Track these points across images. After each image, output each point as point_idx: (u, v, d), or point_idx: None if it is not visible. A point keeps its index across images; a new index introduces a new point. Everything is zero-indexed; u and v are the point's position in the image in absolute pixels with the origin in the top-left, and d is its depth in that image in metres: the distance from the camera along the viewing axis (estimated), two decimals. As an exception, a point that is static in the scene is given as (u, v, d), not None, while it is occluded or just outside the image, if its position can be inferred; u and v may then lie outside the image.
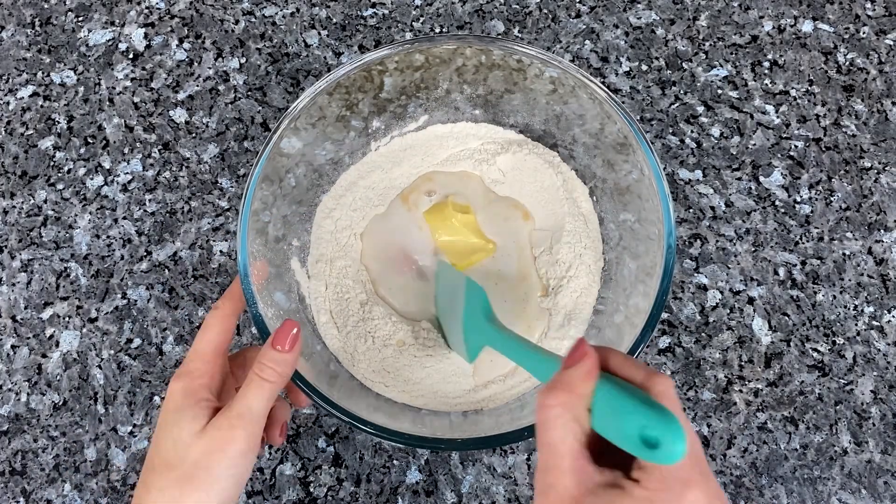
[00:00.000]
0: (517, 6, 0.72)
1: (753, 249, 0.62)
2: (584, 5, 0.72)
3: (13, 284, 0.62)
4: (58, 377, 0.59)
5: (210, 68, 0.70)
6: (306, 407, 0.57)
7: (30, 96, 0.69)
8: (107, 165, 0.66)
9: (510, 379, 0.52)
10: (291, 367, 0.40)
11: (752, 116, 0.67)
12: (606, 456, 0.31)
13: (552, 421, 0.30)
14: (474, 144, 0.59)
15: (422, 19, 0.72)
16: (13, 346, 0.60)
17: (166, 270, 0.62)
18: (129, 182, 0.65)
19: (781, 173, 0.65)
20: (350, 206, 0.58)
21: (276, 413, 0.45)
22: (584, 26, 0.71)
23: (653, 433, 0.28)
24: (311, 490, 0.55)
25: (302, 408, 0.56)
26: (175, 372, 0.41)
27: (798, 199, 0.64)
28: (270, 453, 0.56)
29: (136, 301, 0.61)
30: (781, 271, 0.61)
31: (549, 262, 0.55)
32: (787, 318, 0.60)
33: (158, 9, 0.73)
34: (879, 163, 0.65)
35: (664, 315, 0.60)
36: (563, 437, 0.30)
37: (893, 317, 0.60)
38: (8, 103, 0.69)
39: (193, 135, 0.67)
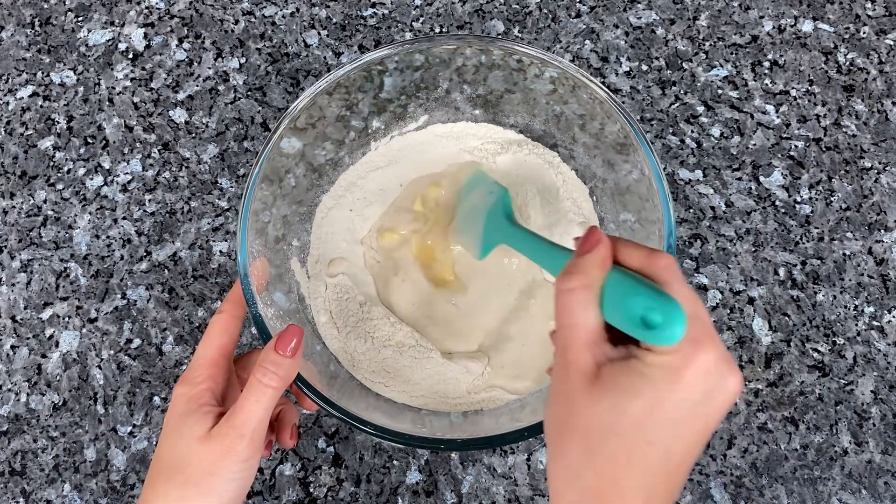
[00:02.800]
0: (517, 6, 0.72)
1: (753, 249, 0.62)
2: (584, 5, 0.72)
3: (13, 284, 0.62)
4: (57, 377, 0.59)
5: (210, 68, 0.70)
6: (314, 410, 0.57)
7: (29, 96, 0.69)
8: (106, 165, 0.66)
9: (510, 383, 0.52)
10: (293, 372, 0.40)
11: (752, 116, 0.67)
12: (618, 345, 0.32)
13: (571, 303, 0.32)
14: (474, 144, 0.59)
15: (422, 19, 0.72)
16: (13, 347, 0.60)
17: (166, 271, 0.62)
18: (129, 182, 0.65)
19: (781, 173, 0.65)
20: (349, 206, 0.58)
21: (285, 416, 0.46)
22: (584, 26, 0.71)
23: (653, 315, 0.29)
24: (311, 490, 0.55)
25: (311, 411, 0.56)
26: (179, 377, 0.41)
27: (798, 199, 0.64)
28: (271, 453, 0.56)
29: (135, 301, 0.61)
30: (782, 271, 0.61)
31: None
32: (787, 318, 0.60)
33: (158, 9, 0.73)
34: (880, 163, 0.65)
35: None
36: (582, 316, 0.32)
37: (894, 317, 0.60)
38: (8, 103, 0.69)
39: (193, 135, 0.67)
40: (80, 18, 0.73)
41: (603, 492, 0.30)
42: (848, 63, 0.69)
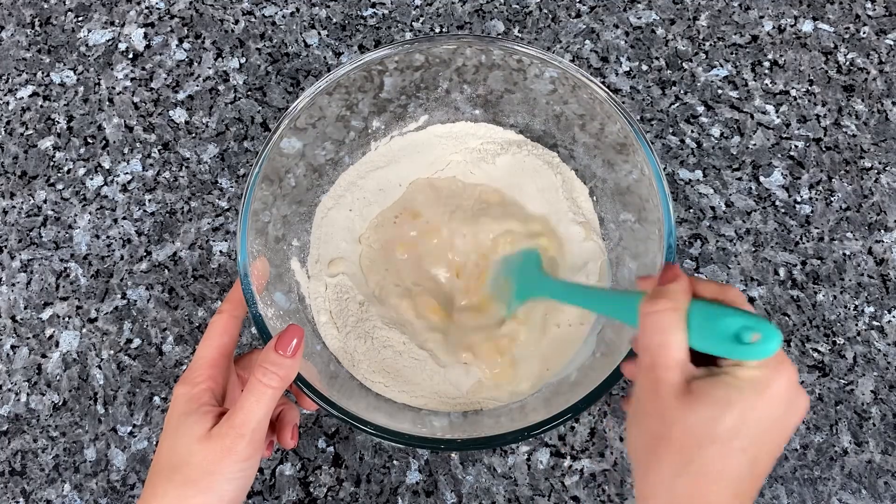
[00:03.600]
0: (517, 6, 0.72)
1: (754, 249, 0.62)
2: (584, 5, 0.72)
3: (13, 284, 0.62)
4: (57, 377, 0.59)
5: (210, 68, 0.70)
6: (314, 410, 0.57)
7: (29, 96, 0.69)
8: (106, 165, 0.66)
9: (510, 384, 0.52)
10: (293, 372, 0.40)
11: (752, 116, 0.67)
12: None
13: (662, 323, 0.34)
14: (474, 144, 0.59)
15: (422, 19, 0.72)
16: (13, 347, 0.60)
17: (166, 270, 0.62)
18: (129, 182, 0.65)
19: (782, 173, 0.65)
20: (349, 206, 0.58)
21: (285, 416, 0.46)
22: (584, 26, 0.71)
23: (748, 333, 0.32)
24: (311, 490, 0.55)
25: (311, 411, 0.56)
26: (179, 377, 0.41)
27: (798, 199, 0.64)
28: (271, 454, 0.56)
29: (135, 301, 0.61)
30: (782, 271, 0.61)
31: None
32: (787, 318, 0.60)
33: (158, 9, 0.73)
34: (880, 163, 0.65)
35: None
36: (672, 335, 0.34)
37: (894, 317, 0.60)
38: (8, 103, 0.69)
39: (193, 135, 0.67)
40: (80, 18, 0.73)
41: (695, 498, 0.33)
42: (848, 63, 0.69)
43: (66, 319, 0.61)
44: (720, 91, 0.68)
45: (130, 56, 0.71)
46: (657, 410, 0.34)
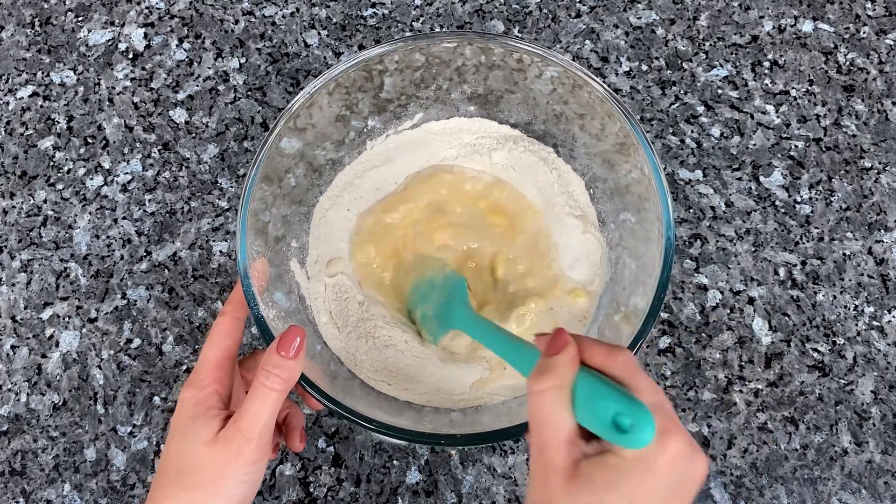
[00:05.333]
0: (517, 6, 0.72)
1: (753, 249, 0.62)
2: (584, 5, 0.72)
3: (13, 284, 0.62)
4: (57, 377, 0.59)
5: (210, 68, 0.70)
6: (320, 409, 0.57)
7: (29, 96, 0.69)
8: (106, 165, 0.66)
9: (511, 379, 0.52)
10: (297, 373, 0.40)
11: (752, 116, 0.67)
12: (590, 440, 0.34)
13: (546, 403, 0.33)
14: (468, 139, 0.60)
15: (422, 19, 0.72)
16: (13, 347, 0.60)
17: (166, 270, 0.62)
18: (129, 182, 0.65)
19: (781, 173, 0.65)
20: (346, 206, 0.58)
21: (292, 420, 0.46)
22: (584, 26, 0.71)
23: (625, 419, 0.31)
24: (311, 490, 0.55)
25: (316, 410, 0.56)
26: (185, 380, 0.41)
27: (798, 199, 0.64)
28: (277, 456, 0.56)
29: (135, 301, 0.61)
30: (782, 271, 0.61)
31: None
32: (787, 318, 0.60)
33: (158, 9, 0.73)
34: (880, 163, 0.65)
35: (664, 315, 0.60)
36: (557, 416, 0.33)
37: (894, 317, 0.60)
38: (8, 103, 0.69)
39: (193, 135, 0.67)
40: (80, 18, 0.73)
41: None
42: (848, 63, 0.69)
43: (66, 319, 0.61)
44: (720, 91, 0.68)
45: (130, 56, 0.71)
46: (546, 493, 0.33)
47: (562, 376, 0.33)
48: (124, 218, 0.64)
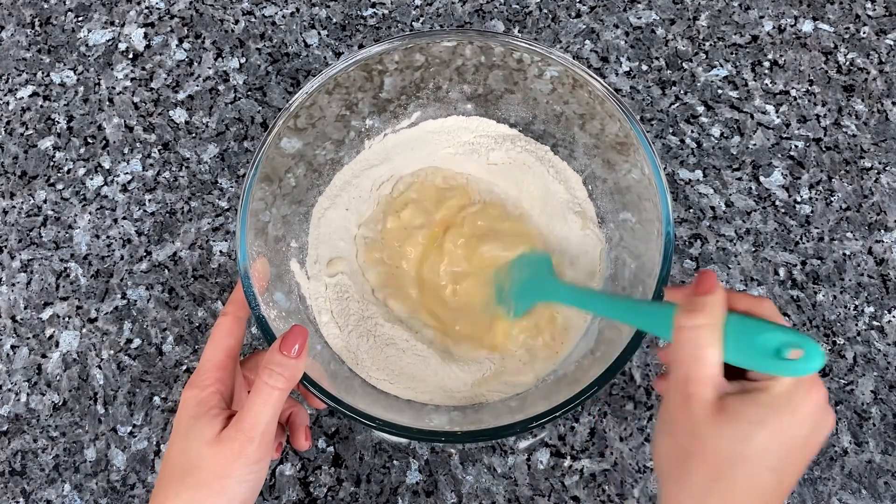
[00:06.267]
0: (517, 6, 0.72)
1: (753, 249, 0.62)
2: (584, 5, 0.72)
3: (13, 284, 0.62)
4: (57, 377, 0.59)
5: (210, 68, 0.70)
6: (322, 408, 0.57)
7: (30, 96, 0.69)
8: (107, 165, 0.66)
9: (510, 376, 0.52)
10: (299, 372, 0.40)
11: (752, 116, 0.67)
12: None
13: (700, 338, 0.34)
14: (466, 138, 0.60)
15: (422, 19, 0.72)
16: (13, 347, 0.60)
17: (166, 270, 0.62)
18: (129, 182, 0.65)
19: (782, 173, 0.65)
20: (345, 206, 0.58)
21: (296, 419, 0.46)
22: (584, 26, 0.71)
23: (793, 348, 0.32)
24: (311, 490, 0.55)
25: (319, 409, 0.56)
26: (188, 380, 0.41)
27: (798, 199, 0.64)
28: (280, 455, 0.56)
29: (135, 301, 0.61)
30: (782, 271, 0.61)
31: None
32: (787, 318, 0.60)
33: (158, 9, 0.73)
34: (880, 163, 0.65)
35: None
36: (708, 352, 0.34)
37: (894, 317, 0.60)
38: (8, 103, 0.69)
39: (193, 135, 0.67)
40: (80, 18, 0.73)
41: None
42: (848, 63, 0.69)
43: (66, 319, 0.61)
44: (720, 91, 0.68)
45: (130, 56, 0.71)
46: (688, 425, 0.34)
47: (716, 315, 0.34)
48: (124, 218, 0.64)
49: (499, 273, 0.54)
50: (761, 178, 0.64)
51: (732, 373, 0.35)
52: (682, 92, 0.68)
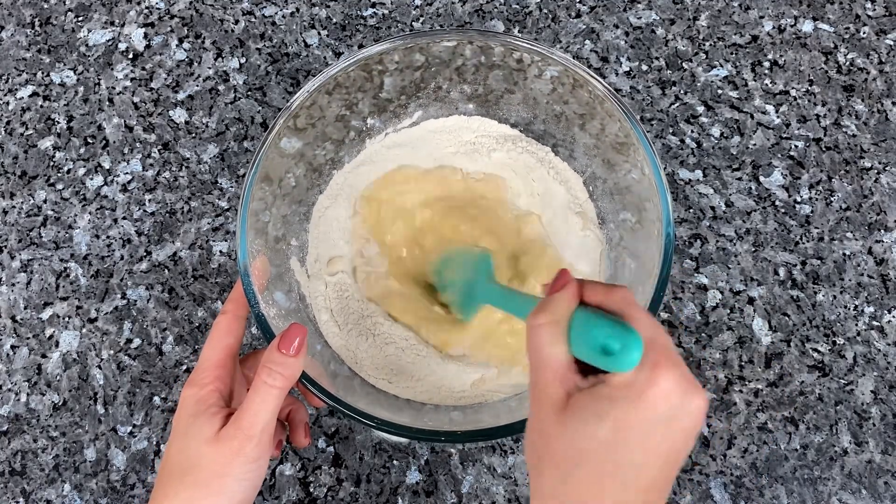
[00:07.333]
0: (517, 6, 0.72)
1: (753, 249, 0.62)
2: (584, 5, 0.72)
3: (13, 284, 0.62)
4: (57, 377, 0.59)
5: (210, 68, 0.70)
6: (321, 407, 0.57)
7: (29, 96, 0.69)
8: (106, 165, 0.66)
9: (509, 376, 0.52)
10: (298, 370, 0.40)
11: (752, 116, 0.67)
12: (587, 376, 0.34)
13: (541, 337, 0.33)
14: (468, 137, 0.60)
15: (422, 19, 0.72)
16: (13, 347, 0.60)
17: (166, 270, 0.62)
18: (129, 182, 0.65)
19: (781, 173, 0.65)
20: (344, 205, 0.58)
21: (296, 416, 0.46)
22: (584, 26, 0.71)
23: (612, 342, 0.31)
24: (311, 490, 0.55)
25: (318, 408, 0.56)
26: (187, 379, 0.41)
27: (798, 199, 0.64)
28: (280, 453, 0.56)
29: (135, 301, 0.61)
30: (781, 271, 0.61)
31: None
32: (787, 318, 0.60)
33: (158, 9, 0.73)
34: (880, 163, 0.65)
35: (664, 315, 0.60)
36: (550, 351, 0.33)
37: (894, 317, 0.60)
38: (8, 103, 0.69)
39: (193, 135, 0.67)
40: (80, 18, 0.73)
41: None
42: (848, 63, 0.69)
43: (66, 319, 0.61)
44: (720, 91, 0.68)
45: (130, 56, 0.71)
46: (540, 427, 0.33)
47: (558, 312, 0.34)
48: (124, 218, 0.64)
49: (442, 261, 0.54)
50: (761, 178, 0.64)
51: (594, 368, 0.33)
52: (682, 92, 0.68)
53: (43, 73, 0.70)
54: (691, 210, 0.63)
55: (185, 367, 0.59)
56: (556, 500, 0.32)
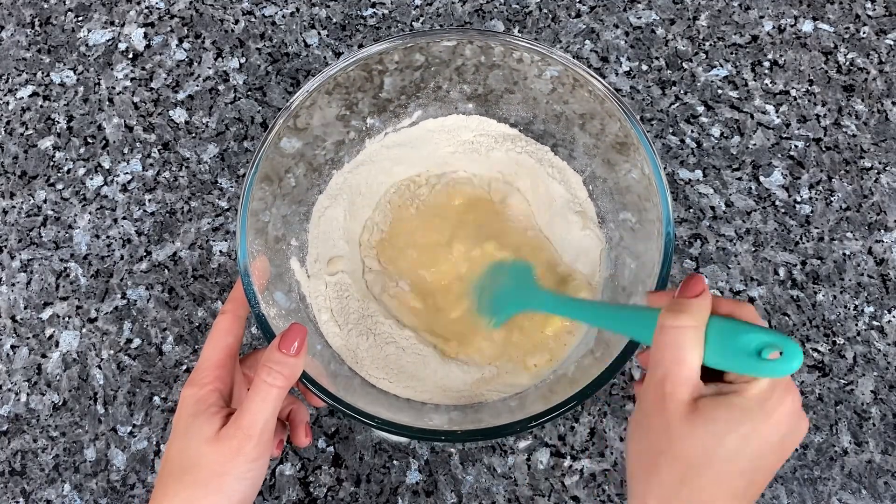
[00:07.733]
0: (517, 6, 0.72)
1: (753, 249, 0.62)
2: (584, 5, 0.72)
3: (13, 284, 0.62)
4: (57, 377, 0.59)
5: (210, 68, 0.70)
6: (321, 406, 0.57)
7: (29, 96, 0.69)
8: (106, 165, 0.66)
9: (509, 376, 0.52)
10: (298, 370, 0.40)
11: (752, 116, 0.67)
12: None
13: (682, 340, 0.34)
14: (467, 136, 0.60)
15: (422, 19, 0.72)
16: (13, 346, 0.60)
17: (166, 270, 0.62)
18: (129, 182, 0.65)
19: (781, 173, 0.65)
20: (344, 205, 0.58)
21: (296, 416, 0.46)
22: (584, 26, 0.71)
23: (774, 348, 0.32)
24: (311, 490, 0.55)
25: (318, 407, 0.56)
26: (187, 379, 0.41)
27: (798, 199, 0.64)
28: (280, 453, 0.56)
29: (135, 301, 0.61)
30: (781, 271, 0.61)
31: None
32: (787, 318, 0.60)
33: (158, 9, 0.73)
34: (880, 163, 0.65)
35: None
36: (689, 353, 0.34)
37: (893, 317, 0.60)
38: (8, 103, 0.69)
39: (193, 135, 0.67)
40: (80, 18, 0.73)
41: None
42: (848, 63, 0.69)
43: (66, 319, 0.61)
44: (720, 91, 0.68)
45: (130, 56, 0.71)
46: (662, 425, 0.34)
47: (700, 317, 0.34)
48: (124, 218, 0.64)
49: (480, 279, 0.54)
50: (761, 178, 0.64)
51: (709, 376, 0.35)
52: (682, 92, 0.68)
53: (43, 73, 0.70)
54: (691, 210, 0.63)
55: (185, 367, 0.59)
56: (671, 499, 0.33)
